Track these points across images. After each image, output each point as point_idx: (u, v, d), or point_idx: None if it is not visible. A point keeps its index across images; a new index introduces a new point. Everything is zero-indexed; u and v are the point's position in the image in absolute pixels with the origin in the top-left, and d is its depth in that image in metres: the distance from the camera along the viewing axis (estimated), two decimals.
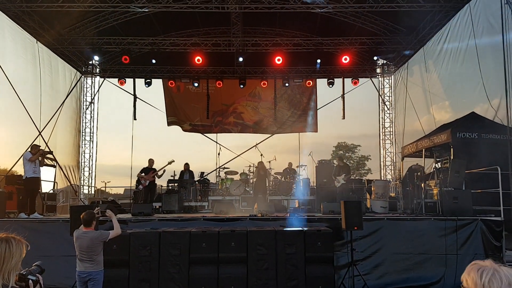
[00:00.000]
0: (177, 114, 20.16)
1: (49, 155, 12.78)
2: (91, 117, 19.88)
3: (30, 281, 2.46)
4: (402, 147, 14.70)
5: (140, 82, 19.09)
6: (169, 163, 13.05)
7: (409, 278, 8.57)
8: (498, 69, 10.57)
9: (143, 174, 12.98)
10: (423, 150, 12.13)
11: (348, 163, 33.34)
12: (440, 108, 14.68)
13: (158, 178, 13.28)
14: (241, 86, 18.38)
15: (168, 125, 20.23)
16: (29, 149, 10.52)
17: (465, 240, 8.64)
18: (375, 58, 17.51)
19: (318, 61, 16.26)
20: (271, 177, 14.92)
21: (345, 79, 19.10)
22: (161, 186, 15.86)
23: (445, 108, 14.38)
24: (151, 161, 13.34)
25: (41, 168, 10.71)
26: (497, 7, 10.46)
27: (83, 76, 19.16)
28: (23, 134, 13.71)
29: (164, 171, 13.18)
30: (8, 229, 2.68)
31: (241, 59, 16.40)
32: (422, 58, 15.72)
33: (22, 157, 10.48)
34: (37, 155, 10.25)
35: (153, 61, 16.46)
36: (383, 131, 20.16)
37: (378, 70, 19.89)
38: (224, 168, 15.95)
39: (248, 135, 20.39)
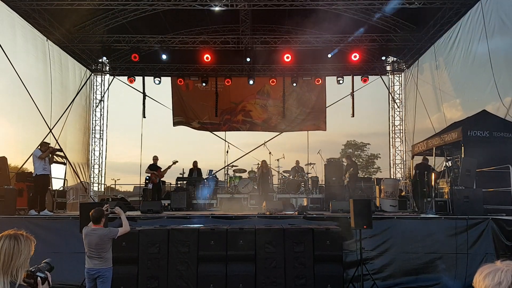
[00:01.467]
0: (185, 113, 20.19)
1: (59, 153, 12.86)
2: (101, 114, 20.00)
3: (39, 278, 2.46)
4: (412, 146, 14.56)
5: (149, 80, 19.19)
6: (174, 163, 13.10)
7: (419, 278, 8.49)
8: (510, 67, 10.44)
9: (154, 171, 13.06)
10: (434, 148, 12.00)
11: (357, 161, 33.23)
12: (451, 106, 14.53)
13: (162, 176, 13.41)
14: (250, 82, 18.38)
15: (174, 125, 20.27)
16: (39, 147, 10.59)
17: (476, 239, 8.54)
18: (383, 58, 17.35)
19: (329, 55, 16.22)
20: (272, 175, 14.75)
21: (354, 76, 19.02)
22: (170, 184, 15.93)
23: (456, 106, 14.24)
24: (155, 158, 13.38)
25: (51, 165, 10.77)
26: (509, 4, 10.34)
27: (93, 74, 19.27)
28: (33, 132, 13.83)
29: (168, 168, 13.25)
30: (18, 226, 2.69)
31: (248, 59, 16.39)
32: (432, 56, 15.57)
33: (32, 155, 10.54)
34: (47, 152, 10.31)
35: (164, 56, 16.49)
36: (393, 129, 20.01)
37: (388, 68, 19.74)
38: (233, 166, 15.95)
39: (256, 133, 20.39)
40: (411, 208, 12.22)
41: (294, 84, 18.98)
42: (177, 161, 13.17)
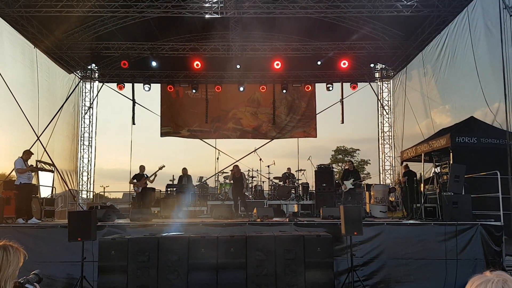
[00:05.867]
0: (174, 121, 20.10)
1: (44, 166, 12.73)
2: (89, 121, 19.85)
3: None
4: (401, 152, 14.68)
5: (139, 87, 19.11)
6: (160, 168, 12.98)
7: (409, 284, 8.51)
8: (496, 73, 10.59)
9: (135, 180, 12.93)
10: (422, 154, 12.11)
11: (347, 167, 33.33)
12: (440, 112, 14.69)
13: (151, 182, 13.19)
14: (241, 89, 18.42)
15: (161, 136, 20.14)
16: (21, 155, 10.35)
17: (465, 245, 8.59)
18: (371, 65, 17.50)
19: (319, 63, 16.40)
20: (247, 180, 14.61)
21: (344, 83, 19.16)
22: (160, 191, 15.83)
23: (445, 112, 14.40)
24: (142, 168, 13.25)
25: (40, 172, 10.61)
26: (495, 12, 10.49)
27: (81, 81, 19.14)
28: (21, 139, 13.66)
29: (155, 175, 13.07)
30: (6, 235, 2.65)
31: (238, 66, 16.43)
32: (420, 63, 15.75)
33: (14, 163, 10.30)
34: (27, 169, 10.15)
35: (154, 63, 16.46)
36: (382, 135, 20.16)
37: (377, 75, 19.92)
38: (223, 173, 15.91)
39: (247, 140, 20.38)
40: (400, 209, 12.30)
41: (284, 91, 19.08)
42: (163, 166, 13.04)
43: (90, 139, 19.83)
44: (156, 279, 7.76)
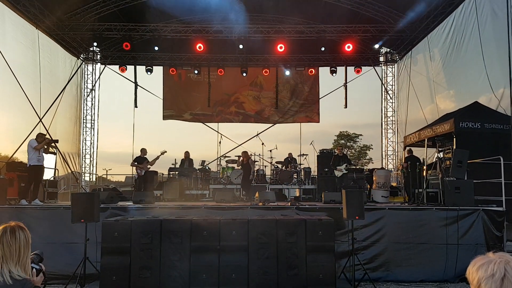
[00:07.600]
0: (176, 105, 20.07)
1: (54, 143, 12.72)
2: (92, 104, 19.83)
3: (34, 270, 2.44)
4: (405, 137, 14.63)
5: (141, 69, 19.01)
6: (162, 153, 12.99)
7: (410, 268, 8.56)
8: (502, 58, 10.47)
9: (136, 163, 12.96)
10: (426, 139, 12.07)
11: (349, 152, 33.39)
12: (444, 97, 14.58)
13: (151, 166, 13.23)
14: (244, 74, 18.29)
15: (163, 119, 20.12)
16: (35, 137, 10.42)
17: (467, 230, 8.61)
18: (376, 46, 17.21)
19: (323, 49, 16.21)
20: (255, 167, 14.73)
21: (348, 67, 18.99)
22: (162, 174, 15.88)
23: (450, 98, 14.29)
24: (143, 151, 13.26)
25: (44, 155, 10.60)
26: None
27: (83, 63, 19.04)
28: (23, 121, 13.65)
29: (157, 159, 13.10)
30: (9, 216, 2.66)
31: (241, 46, 16.25)
32: (426, 47, 15.57)
33: (27, 145, 10.34)
34: (43, 144, 10.19)
35: (156, 48, 16.35)
36: (386, 120, 20.08)
37: (382, 59, 19.74)
38: (225, 157, 15.92)
39: (249, 124, 20.35)
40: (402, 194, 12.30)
41: (287, 73, 18.95)
42: (165, 151, 13.05)
43: (93, 121, 19.84)
44: (159, 261, 7.83)
